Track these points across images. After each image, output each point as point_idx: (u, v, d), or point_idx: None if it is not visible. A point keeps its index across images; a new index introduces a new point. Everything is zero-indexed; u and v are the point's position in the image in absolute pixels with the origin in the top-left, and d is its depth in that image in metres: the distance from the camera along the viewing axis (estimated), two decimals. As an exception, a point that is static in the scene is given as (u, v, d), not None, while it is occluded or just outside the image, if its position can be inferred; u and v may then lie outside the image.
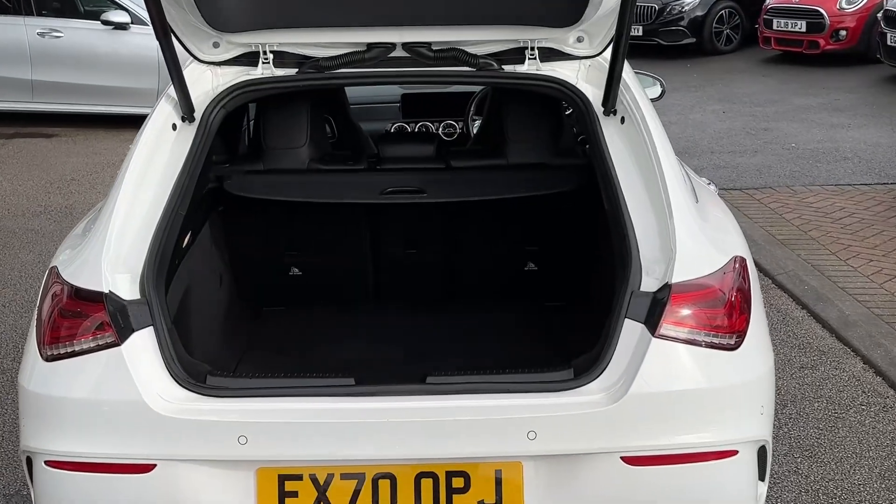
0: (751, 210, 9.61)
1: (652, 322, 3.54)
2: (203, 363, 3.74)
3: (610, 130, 4.18)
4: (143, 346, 3.56)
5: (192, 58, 4.37)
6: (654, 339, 3.52)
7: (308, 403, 3.54)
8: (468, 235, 5.14)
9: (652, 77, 6.98)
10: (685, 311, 3.58)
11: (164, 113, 4.23)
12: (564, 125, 5.13)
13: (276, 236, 5.13)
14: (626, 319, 3.58)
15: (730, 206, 4.94)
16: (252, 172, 4.89)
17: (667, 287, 3.58)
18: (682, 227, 3.72)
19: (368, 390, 3.58)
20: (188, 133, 4.22)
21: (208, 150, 4.25)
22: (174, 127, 4.22)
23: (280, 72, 4.41)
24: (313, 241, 5.14)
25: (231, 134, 5.93)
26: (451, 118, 7.10)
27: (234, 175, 4.84)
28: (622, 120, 4.19)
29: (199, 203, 4.62)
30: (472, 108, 6.87)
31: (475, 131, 6.89)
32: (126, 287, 3.66)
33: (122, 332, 3.53)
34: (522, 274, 5.23)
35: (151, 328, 3.59)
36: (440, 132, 7.07)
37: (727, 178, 10.63)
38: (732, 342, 3.62)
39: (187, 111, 4.21)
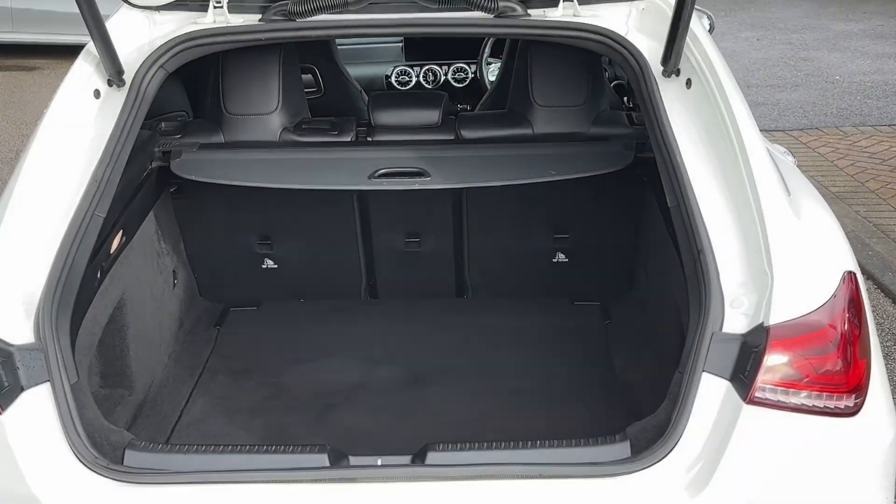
0: (798, 156, 8.46)
1: (742, 380, 2.52)
2: (122, 430, 2.72)
3: (671, 97, 3.10)
4: (35, 413, 2.56)
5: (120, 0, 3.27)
6: (745, 406, 2.49)
7: (264, 492, 2.52)
8: (482, 220, 4.07)
9: (697, 10, 5.78)
10: (788, 363, 2.53)
11: (81, 76, 3.18)
12: (605, 83, 4.02)
13: (244, 223, 4.08)
14: (705, 374, 2.54)
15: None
16: (208, 147, 3.81)
17: (762, 329, 2.54)
18: (779, 237, 2.68)
19: (347, 475, 2.55)
20: (115, 102, 3.17)
21: (142, 122, 3.19)
22: (96, 94, 3.17)
23: (237, 19, 3.33)
24: (291, 227, 4.09)
25: (192, 88, 4.86)
26: (462, 60, 5.98)
27: (184, 151, 3.76)
28: (688, 83, 3.11)
29: (137, 191, 3.57)
30: (486, 50, 5.75)
31: (491, 78, 5.79)
32: (15, 326, 2.64)
33: (5, 394, 2.51)
34: (549, 267, 4.16)
35: (48, 384, 2.56)
36: (449, 77, 5.96)
37: (769, 118, 9.50)
38: (851, 404, 2.58)
39: (114, 73, 3.15)
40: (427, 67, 5.95)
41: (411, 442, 3.32)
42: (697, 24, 3.22)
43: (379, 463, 2.62)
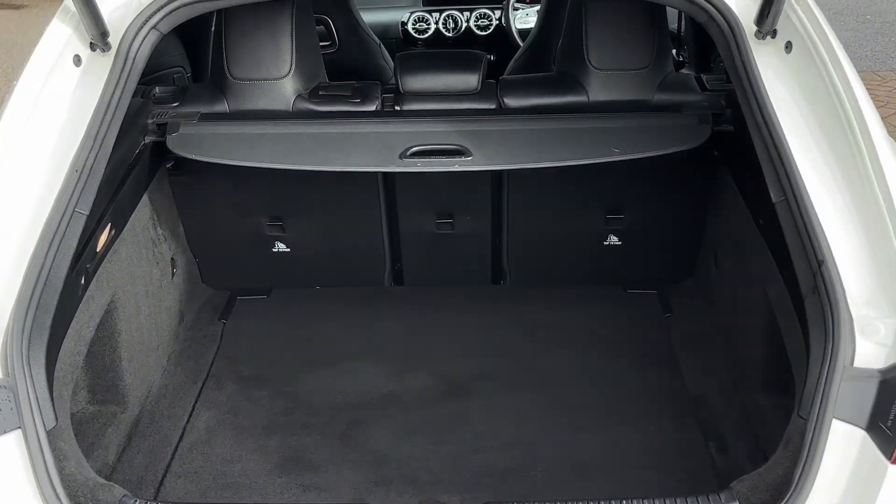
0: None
1: (884, 431, 2.01)
2: (111, 486, 2.20)
3: (767, 64, 2.55)
4: (1, 469, 2.04)
5: None
6: (892, 467, 1.97)
7: None
8: (525, 198, 3.52)
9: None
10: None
11: (59, 39, 2.62)
12: (670, 41, 3.44)
13: (252, 202, 3.53)
14: (836, 421, 2.03)
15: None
16: (210, 118, 3.25)
17: (908, 365, 2.02)
18: None
19: None
20: (99, 70, 2.62)
21: (131, 95, 2.64)
22: (76, 61, 2.61)
23: None
24: (305, 207, 3.54)
25: (189, 39, 4.29)
26: (485, 5, 5.38)
27: (182, 123, 3.20)
28: (787, 46, 2.55)
29: (129, 173, 3.03)
30: (512, -4, 5.18)
31: (518, 25, 5.20)
32: None
33: None
34: (600, 251, 3.62)
35: (18, 432, 2.06)
36: (471, 24, 5.36)
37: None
38: None
39: (97, 35, 2.59)
40: (447, 13, 5.36)
41: (452, 473, 2.84)
42: (797, -25, 2.66)
43: None
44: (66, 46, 2.62)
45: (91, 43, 2.64)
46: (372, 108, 3.30)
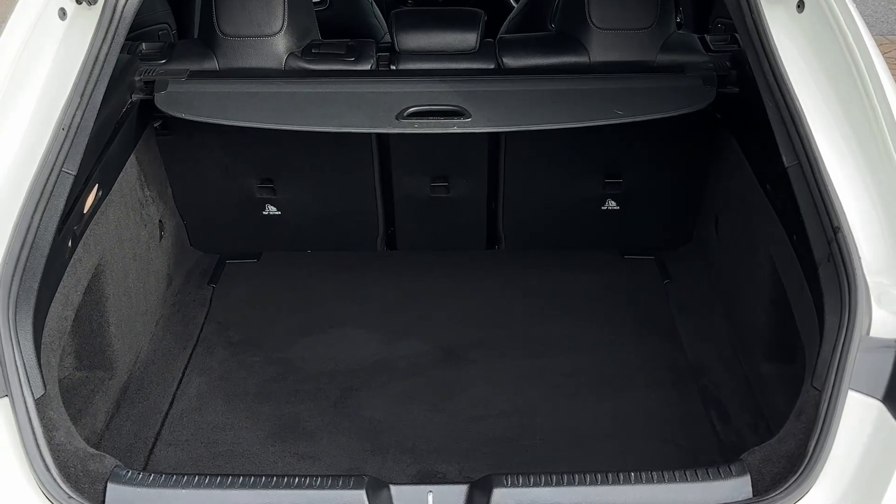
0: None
1: None
2: (103, 455, 2.12)
3: (778, 23, 2.47)
4: None
5: None
6: (910, 440, 1.92)
7: None
8: (522, 161, 3.43)
9: None
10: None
11: None
12: (672, 1, 3.35)
13: (242, 163, 3.43)
14: (851, 392, 1.96)
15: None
16: (199, 75, 3.14)
17: (927, 334, 1.97)
18: None
19: None
20: (86, 24, 2.51)
21: (119, 50, 2.53)
22: (62, 14, 2.50)
23: None
24: (297, 168, 3.44)
25: (175, 2, 4.17)
26: None
27: (171, 81, 3.09)
28: (799, 5, 2.46)
29: (116, 132, 2.93)
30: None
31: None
32: None
33: None
34: (597, 215, 3.55)
35: (6, 401, 1.98)
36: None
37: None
38: None
39: None
40: None
41: (450, 442, 2.77)
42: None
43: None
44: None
45: None
46: (367, 67, 3.20)
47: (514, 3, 4.84)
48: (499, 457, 2.72)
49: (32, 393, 2.01)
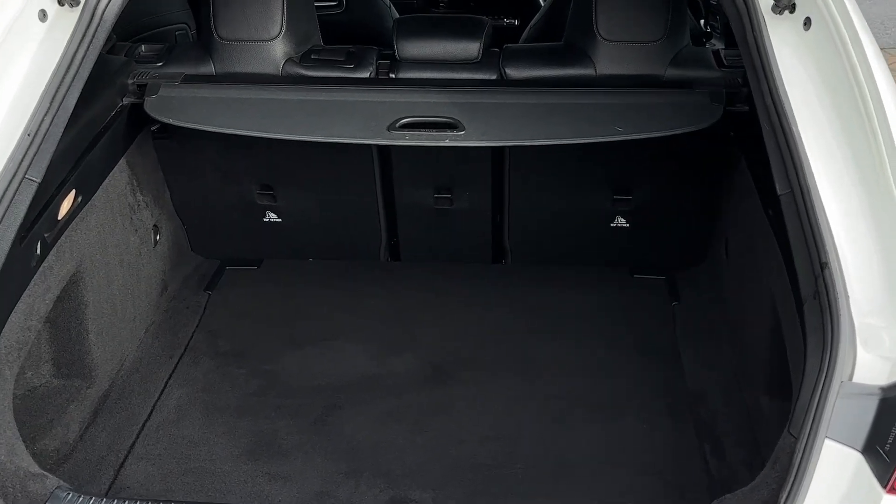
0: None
1: (881, 455, 1.82)
2: (44, 476, 2.06)
3: (783, 42, 2.33)
4: None
5: None
6: (887, 497, 1.78)
7: None
8: (528, 174, 3.32)
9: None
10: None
11: None
12: (688, 12, 3.21)
13: (241, 169, 3.36)
14: (828, 441, 1.83)
15: None
16: (194, 80, 3.08)
17: (911, 385, 1.83)
18: None
19: None
20: (67, 25, 2.45)
21: (97, 54, 2.47)
22: (42, 16, 2.44)
23: None
24: (297, 176, 3.36)
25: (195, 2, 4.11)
26: None
27: (163, 85, 3.03)
28: (806, 23, 2.32)
29: (100, 136, 2.88)
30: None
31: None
32: None
33: None
34: (606, 233, 3.42)
35: None
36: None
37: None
38: None
39: None
40: None
41: (427, 467, 2.68)
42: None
43: None
44: (31, 1, 2.46)
45: None
46: (365, 74, 3.11)
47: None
48: (476, 485, 2.61)
49: None
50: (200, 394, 2.97)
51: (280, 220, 3.46)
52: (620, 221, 3.41)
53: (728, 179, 3.15)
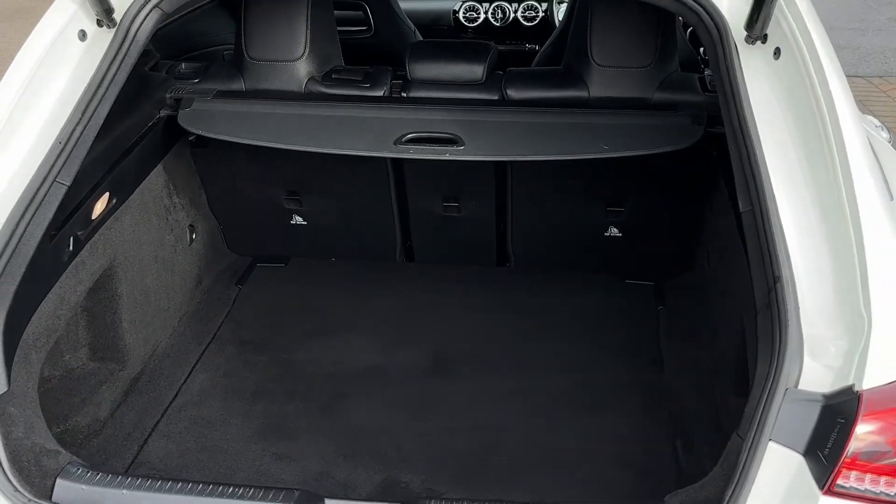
0: (876, 104, 7.33)
1: (820, 459, 1.70)
2: (58, 452, 1.99)
3: (755, 69, 2.20)
4: None
5: None
6: (823, 498, 1.67)
7: None
8: (528, 188, 3.21)
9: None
10: (881, 441, 1.70)
11: (65, 14, 2.38)
12: (677, 41, 3.07)
13: (269, 176, 3.28)
14: (772, 443, 1.71)
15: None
16: (224, 95, 3.01)
17: (851, 393, 1.70)
18: (881, 264, 1.81)
19: None
20: (104, 45, 2.37)
21: (129, 71, 2.39)
22: (82, 35, 2.37)
23: None
24: (319, 184, 3.29)
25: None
26: None
27: (196, 100, 2.96)
28: (776, 52, 2.18)
29: (136, 144, 2.81)
30: (558, -12, 4.82)
31: (561, 18, 4.83)
32: None
33: None
34: (601, 242, 3.30)
35: None
36: (518, 15, 5.01)
37: (849, 63, 8.27)
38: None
39: (102, 12, 2.35)
40: (496, 4, 5.01)
41: (420, 453, 2.58)
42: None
43: None
44: (72, 21, 2.38)
45: (98, 20, 2.41)
46: (380, 93, 3.01)
47: None
48: (463, 471, 2.51)
49: None
50: (222, 378, 2.90)
51: (305, 222, 3.38)
52: (613, 231, 3.28)
53: (709, 196, 3.02)
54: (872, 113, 7.02)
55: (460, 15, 5.02)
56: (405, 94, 3.02)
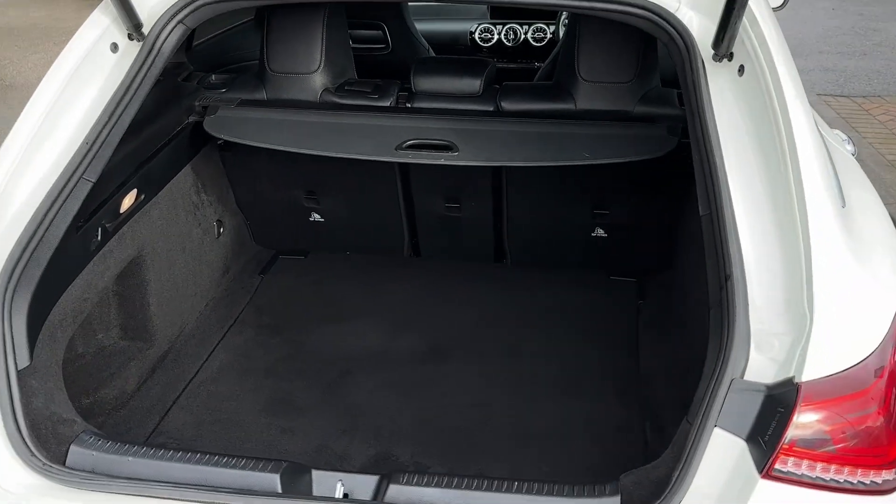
0: (859, 122, 7.22)
1: (761, 445, 1.67)
2: (74, 421, 2.01)
3: (720, 85, 2.16)
4: None
5: None
6: (761, 482, 1.64)
7: None
8: (521, 192, 3.20)
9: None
10: (819, 431, 1.67)
11: (98, 28, 2.39)
12: (658, 59, 3.05)
13: (290, 177, 3.30)
14: (717, 429, 1.69)
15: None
16: (247, 104, 3.02)
17: (791, 385, 1.68)
18: (825, 272, 1.79)
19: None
20: (132, 55, 2.39)
21: (154, 81, 2.40)
22: (114, 48, 2.39)
23: None
24: (334, 185, 3.29)
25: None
26: (542, 20, 4.99)
27: (221, 107, 2.98)
28: (740, 70, 2.15)
29: (164, 146, 2.83)
30: (564, 12, 4.77)
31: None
32: None
33: None
34: (588, 241, 3.28)
35: None
36: (528, 36, 4.99)
37: (835, 84, 8.18)
38: (892, 479, 1.70)
39: (132, 27, 2.36)
40: (509, 26, 4.99)
41: (412, 429, 2.58)
42: (761, 1, 2.26)
43: (338, 495, 1.86)
44: (105, 34, 2.40)
45: (129, 34, 2.43)
46: (387, 103, 3.02)
47: None
48: (451, 446, 2.51)
49: (16, 364, 1.92)
50: (239, 358, 2.92)
51: (322, 220, 3.39)
52: (599, 232, 3.26)
53: (684, 200, 2.99)
54: (854, 129, 6.93)
55: (476, 36, 5.01)
56: (409, 105, 3.02)
